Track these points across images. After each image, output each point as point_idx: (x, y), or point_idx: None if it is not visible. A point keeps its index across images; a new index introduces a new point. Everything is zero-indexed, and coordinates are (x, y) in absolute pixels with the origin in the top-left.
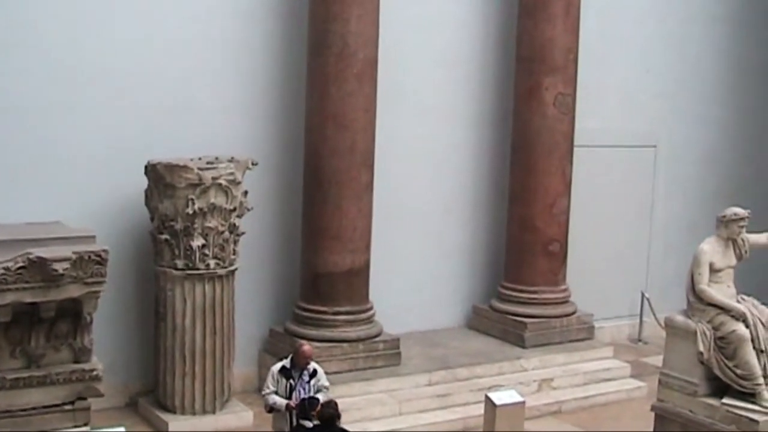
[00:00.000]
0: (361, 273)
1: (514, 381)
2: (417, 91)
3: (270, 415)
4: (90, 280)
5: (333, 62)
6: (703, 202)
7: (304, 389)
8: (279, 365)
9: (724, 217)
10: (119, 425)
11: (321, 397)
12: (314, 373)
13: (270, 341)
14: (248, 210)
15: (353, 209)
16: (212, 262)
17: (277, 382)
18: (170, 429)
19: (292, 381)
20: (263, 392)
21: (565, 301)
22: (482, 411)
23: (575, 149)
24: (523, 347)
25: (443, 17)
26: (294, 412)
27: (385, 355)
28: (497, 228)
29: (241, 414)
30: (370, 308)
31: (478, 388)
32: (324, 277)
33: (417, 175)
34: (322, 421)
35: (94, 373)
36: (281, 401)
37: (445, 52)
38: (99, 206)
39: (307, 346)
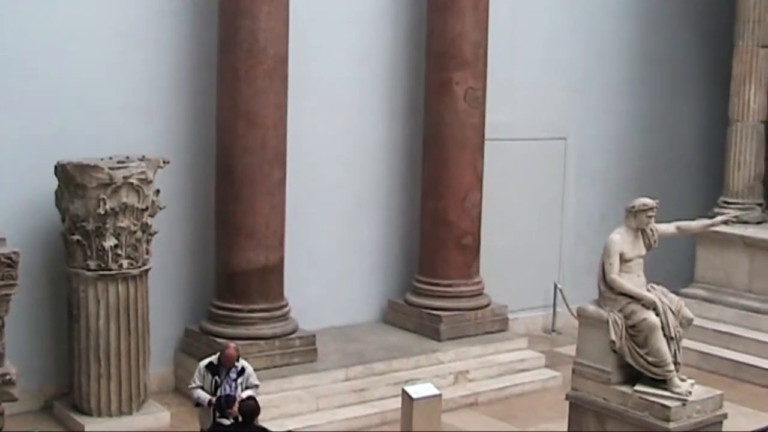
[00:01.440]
0: (276, 270)
1: (430, 374)
2: (328, 87)
3: (197, 409)
4: (0, 283)
5: (243, 59)
6: (613, 193)
7: (230, 386)
8: (207, 361)
9: (633, 207)
10: (35, 429)
11: (251, 393)
12: (242, 371)
13: (185, 341)
14: (160, 209)
15: (266, 206)
16: (125, 263)
17: (203, 377)
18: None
19: (218, 378)
20: (189, 386)
21: (479, 294)
22: (399, 405)
23: (486, 143)
24: (439, 340)
25: (353, 13)
26: (213, 409)
27: (301, 351)
28: (411, 222)
29: (158, 415)
30: (286, 305)
31: (394, 382)
32: (238, 275)
33: (330, 170)
34: (242, 414)
35: (8, 377)
36: (204, 396)
37: (356, 48)
38: (8, 208)
39: (231, 349)
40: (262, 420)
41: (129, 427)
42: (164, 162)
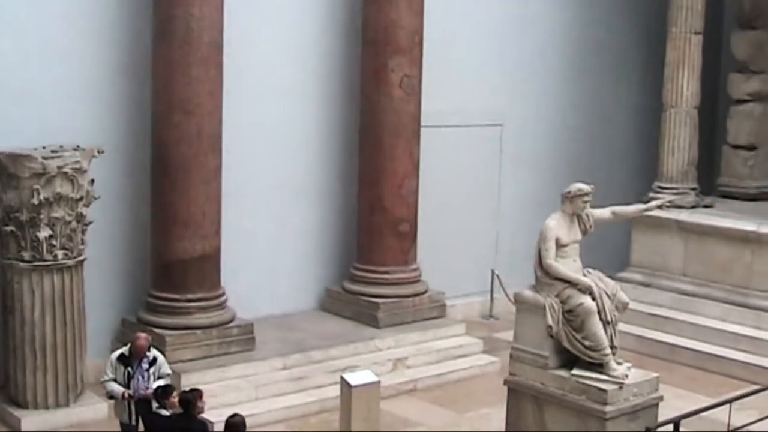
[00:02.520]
0: (212, 259)
1: (368, 361)
2: (263, 74)
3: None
4: None
5: (178, 47)
6: (549, 179)
7: (142, 377)
8: (118, 352)
9: (569, 193)
10: None
11: (162, 383)
12: (154, 361)
13: (122, 331)
14: (95, 199)
15: (202, 195)
16: (60, 253)
17: (116, 369)
18: (23, 425)
19: (130, 369)
20: (102, 379)
21: (416, 281)
22: (338, 392)
23: (422, 130)
24: (377, 327)
25: (288, 0)
26: (131, 401)
27: (239, 340)
28: (348, 210)
29: (95, 406)
30: (223, 294)
31: (333, 369)
32: (175, 264)
33: (266, 158)
34: (182, 406)
35: None
36: (118, 389)
37: (291, 35)
38: None
39: (141, 339)
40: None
41: (66, 420)
42: (99, 151)
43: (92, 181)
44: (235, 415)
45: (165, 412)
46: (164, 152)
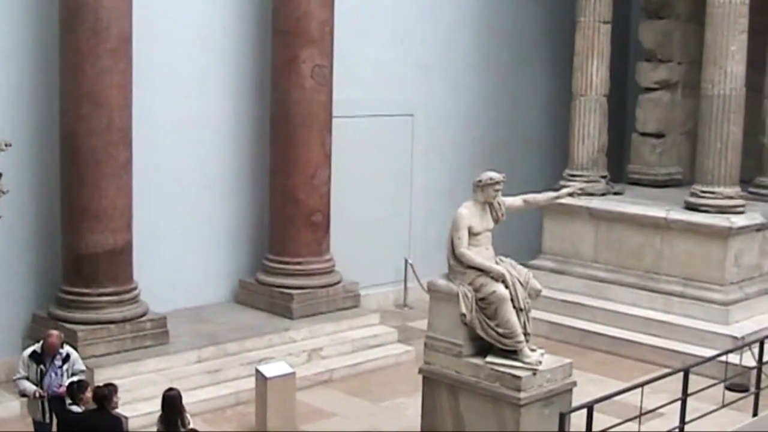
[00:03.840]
0: (124, 252)
1: (283, 353)
2: (174, 66)
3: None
4: None
5: (86, 38)
6: (461, 168)
7: (55, 374)
8: (30, 350)
9: (480, 181)
10: None
11: (76, 379)
12: (67, 358)
13: (33, 327)
14: (3, 193)
15: (112, 188)
16: None
17: (28, 367)
18: None
19: (42, 366)
20: (14, 377)
21: (330, 271)
22: (253, 384)
23: (334, 120)
24: (291, 318)
25: None
26: (44, 400)
27: (152, 334)
28: (260, 201)
29: (7, 404)
30: (135, 288)
31: (248, 361)
32: (86, 259)
33: (177, 150)
34: (96, 401)
35: None
36: (30, 387)
37: (201, 26)
38: None
39: (53, 337)
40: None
41: None
42: (6, 145)
43: (0, 174)
44: (170, 389)
45: (77, 409)
46: (73, 145)
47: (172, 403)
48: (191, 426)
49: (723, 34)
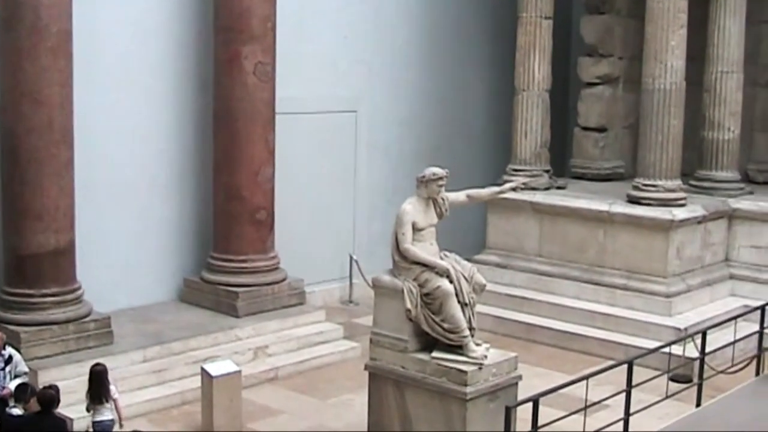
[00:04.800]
0: (67, 252)
1: (229, 351)
2: (116, 64)
3: None
4: None
5: (26, 36)
6: (405, 164)
7: None
8: None
9: (424, 177)
10: None
11: (21, 381)
12: (9, 360)
13: None
14: None
15: (54, 188)
16: None
17: None
18: None
19: None
20: None
21: (275, 269)
22: (199, 383)
23: (278, 117)
24: (237, 317)
25: None
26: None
27: (96, 334)
28: (204, 199)
29: None
30: (79, 288)
31: (193, 360)
32: (28, 259)
33: (119, 149)
34: (41, 404)
35: None
36: None
37: (142, 22)
38: None
39: None
40: (59, 407)
41: None
42: None
43: None
44: (97, 364)
45: (18, 412)
46: (14, 144)
47: (99, 377)
48: (116, 397)
49: (663, 29)
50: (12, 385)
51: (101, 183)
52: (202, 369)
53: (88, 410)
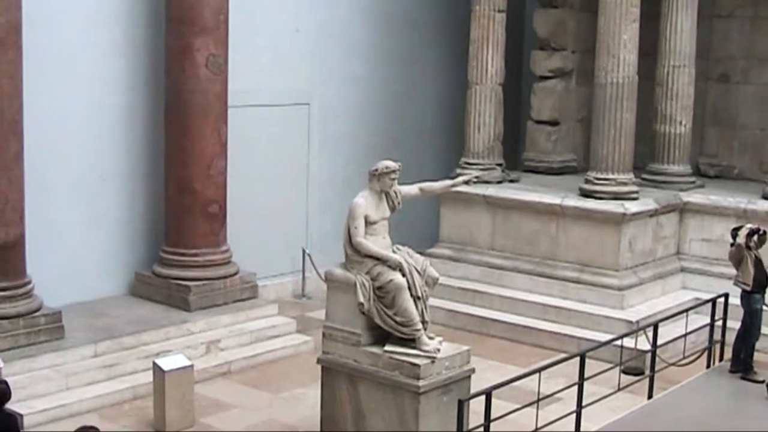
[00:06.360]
0: (16, 247)
1: (181, 345)
2: (65, 55)
3: None
4: None
5: None
6: (357, 157)
7: None
8: None
9: (376, 170)
10: None
11: None
12: None
13: None
14: None
15: (3, 181)
16: None
17: None
18: None
19: None
20: None
21: (227, 262)
22: (151, 378)
23: (230, 109)
24: (189, 311)
25: None
26: None
27: (47, 329)
28: (156, 192)
29: None
30: (29, 282)
31: (145, 355)
32: None
33: (70, 141)
34: None
35: None
36: None
37: (92, 14)
38: None
39: None
40: (9, 403)
41: None
42: None
43: None
44: (0, 381)
45: None
46: None
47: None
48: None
49: (615, 22)
50: None
51: (51, 176)
52: (154, 363)
53: None
